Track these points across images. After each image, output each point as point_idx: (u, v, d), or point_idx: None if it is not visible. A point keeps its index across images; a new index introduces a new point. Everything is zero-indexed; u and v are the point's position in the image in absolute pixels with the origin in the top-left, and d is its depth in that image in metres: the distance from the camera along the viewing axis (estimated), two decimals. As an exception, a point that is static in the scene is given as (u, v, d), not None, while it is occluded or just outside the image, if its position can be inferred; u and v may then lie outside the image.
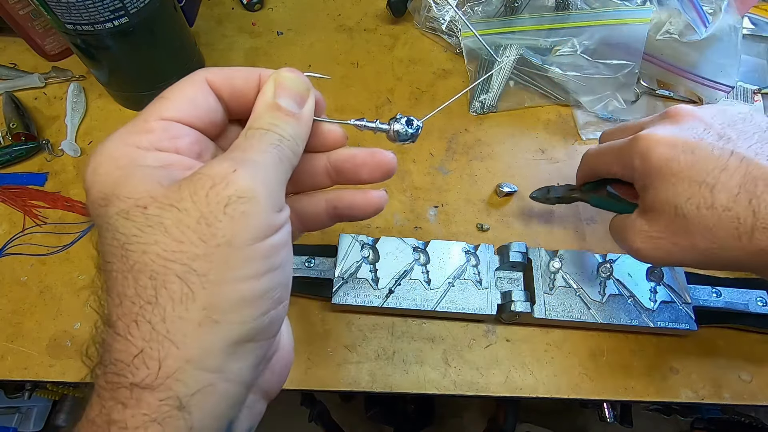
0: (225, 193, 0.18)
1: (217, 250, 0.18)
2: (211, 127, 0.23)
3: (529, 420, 1.03)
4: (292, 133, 0.22)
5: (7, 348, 0.42)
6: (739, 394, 0.41)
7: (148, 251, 0.18)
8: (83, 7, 0.42)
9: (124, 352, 0.17)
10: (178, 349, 0.17)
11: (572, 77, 0.54)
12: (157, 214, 0.18)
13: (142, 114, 0.21)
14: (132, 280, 0.18)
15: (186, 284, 0.17)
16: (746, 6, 0.52)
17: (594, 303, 0.41)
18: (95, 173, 0.20)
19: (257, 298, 0.19)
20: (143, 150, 0.20)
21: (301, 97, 0.23)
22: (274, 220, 0.19)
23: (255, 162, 0.19)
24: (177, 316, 0.17)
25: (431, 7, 0.61)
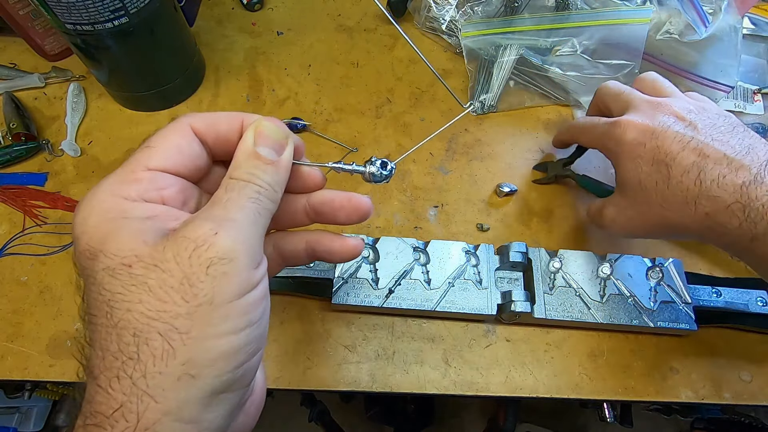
0: (207, 255, 0.19)
1: (199, 309, 0.18)
2: (196, 172, 0.24)
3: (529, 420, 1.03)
4: (270, 181, 0.23)
5: (7, 348, 0.42)
6: (739, 394, 0.41)
7: (132, 309, 0.18)
8: (83, 7, 0.42)
9: (105, 405, 0.18)
10: (157, 402, 0.18)
11: (572, 77, 0.54)
12: (141, 274, 0.19)
13: (129, 163, 0.22)
14: (116, 336, 0.18)
15: (167, 341, 0.18)
16: (746, 6, 0.52)
17: (594, 303, 0.41)
18: (85, 224, 0.20)
19: (234, 352, 0.19)
20: (131, 201, 0.21)
21: (279, 145, 0.24)
22: (253, 276, 0.20)
23: (234, 222, 0.20)
24: (157, 372, 0.18)
25: (431, 7, 0.61)
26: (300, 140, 0.26)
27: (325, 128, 0.55)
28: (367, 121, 0.56)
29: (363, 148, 0.54)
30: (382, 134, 0.55)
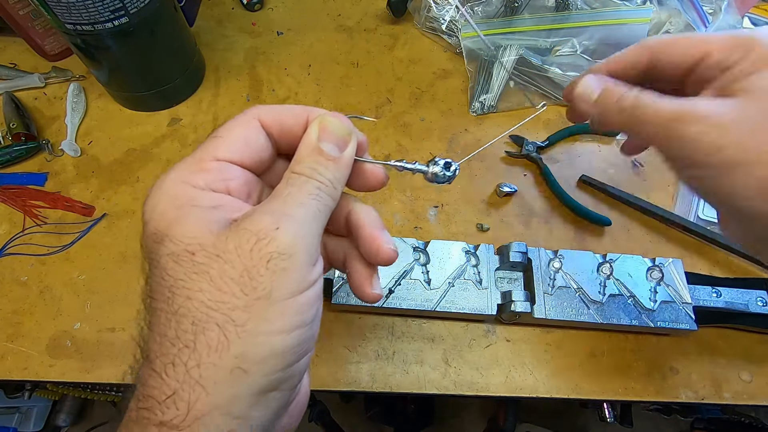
0: (267, 250, 0.19)
1: (257, 303, 0.19)
2: (260, 164, 0.24)
3: (529, 420, 1.03)
4: (331, 178, 0.22)
5: (7, 348, 0.42)
6: (739, 394, 0.41)
7: (192, 297, 0.19)
8: (83, 7, 0.42)
9: (157, 390, 0.18)
10: (208, 394, 0.18)
11: (572, 77, 0.54)
12: (203, 263, 0.19)
13: (199, 152, 0.23)
14: (174, 323, 0.19)
15: (223, 333, 0.18)
16: (746, 6, 0.52)
17: (594, 303, 0.41)
18: (154, 210, 0.21)
19: (286, 351, 0.19)
20: (198, 189, 0.21)
21: (343, 141, 0.23)
22: (310, 275, 0.20)
23: (294, 217, 0.20)
24: (211, 363, 0.18)
25: (431, 7, 0.61)
26: (363, 136, 0.25)
27: (325, 128, 0.55)
28: (367, 120, 0.56)
29: (363, 148, 0.54)
30: (382, 134, 0.55)
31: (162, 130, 0.55)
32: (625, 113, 0.26)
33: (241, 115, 0.24)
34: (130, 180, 0.52)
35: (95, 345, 0.43)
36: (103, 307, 0.44)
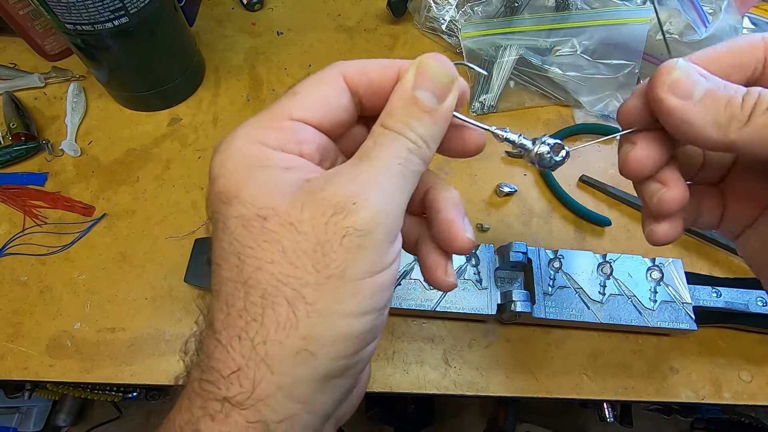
0: (343, 224, 0.17)
1: (328, 282, 0.17)
2: (339, 127, 0.22)
3: (529, 420, 1.03)
4: (425, 135, 0.20)
5: (7, 348, 0.42)
6: (739, 394, 0.41)
7: (263, 268, 0.17)
8: (83, 7, 0.42)
9: (222, 363, 0.17)
10: (273, 374, 0.17)
11: (572, 77, 0.54)
12: (276, 231, 0.18)
13: (273, 109, 0.20)
14: (243, 293, 0.18)
15: (293, 310, 0.17)
16: (746, 6, 0.52)
17: (594, 303, 0.41)
18: (222, 166, 0.19)
19: (354, 337, 0.18)
20: (270, 149, 0.19)
21: (443, 89, 0.20)
22: (387, 254, 0.19)
23: (378, 187, 0.18)
24: (278, 341, 0.17)
25: (431, 7, 0.61)
26: (465, 85, 0.22)
27: (325, 128, 0.55)
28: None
29: (363, 148, 0.54)
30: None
31: (162, 130, 0.55)
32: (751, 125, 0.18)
33: (324, 70, 0.21)
34: (130, 180, 0.52)
35: (95, 345, 0.43)
36: (103, 307, 0.44)
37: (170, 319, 0.44)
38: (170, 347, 0.43)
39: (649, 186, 0.22)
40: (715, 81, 0.19)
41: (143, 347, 0.43)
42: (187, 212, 0.49)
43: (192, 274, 0.43)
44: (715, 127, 0.18)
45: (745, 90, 0.18)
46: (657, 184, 0.22)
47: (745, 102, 0.18)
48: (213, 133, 0.55)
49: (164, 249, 0.47)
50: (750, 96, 0.18)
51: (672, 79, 0.19)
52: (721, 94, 0.19)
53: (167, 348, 0.43)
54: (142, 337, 0.43)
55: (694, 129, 0.19)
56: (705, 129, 0.19)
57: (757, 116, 0.18)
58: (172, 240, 0.48)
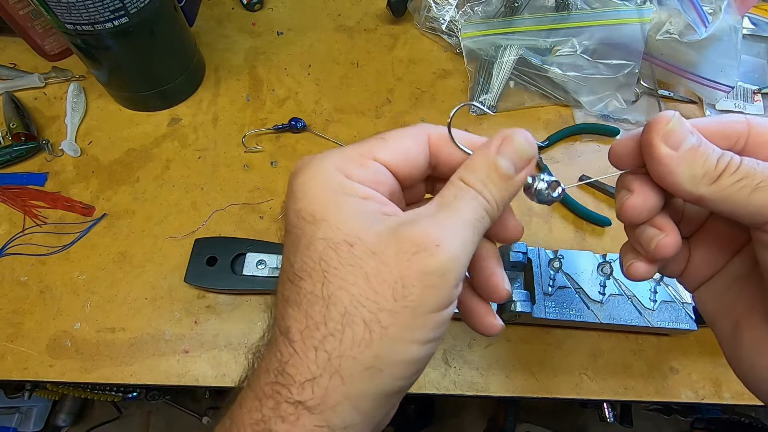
0: (425, 263, 0.19)
1: (403, 311, 0.19)
2: (410, 179, 0.24)
3: (529, 420, 1.03)
4: (498, 199, 0.22)
5: (7, 348, 0.42)
6: (739, 394, 0.41)
7: (345, 288, 0.19)
8: (83, 7, 0.42)
9: (297, 370, 0.19)
10: (344, 385, 0.19)
11: (572, 77, 0.54)
12: (360, 257, 0.19)
13: (360, 146, 0.22)
14: (323, 308, 0.19)
15: (369, 332, 0.19)
16: (746, 6, 0.52)
17: (594, 303, 0.41)
18: (306, 185, 0.21)
19: (416, 361, 0.20)
20: (351, 181, 0.21)
21: (522, 162, 0.22)
22: (453, 294, 0.20)
23: (456, 236, 0.20)
24: (352, 356, 0.19)
25: (431, 7, 0.61)
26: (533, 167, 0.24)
27: (325, 128, 0.55)
28: (367, 121, 0.56)
29: (363, 148, 0.54)
30: (382, 134, 0.55)
31: (162, 130, 0.55)
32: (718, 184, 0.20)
33: (413, 126, 0.24)
34: (130, 180, 0.52)
35: (95, 345, 0.43)
36: (103, 307, 0.44)
37: (170, 319, 0.44)
38: (170, 347, 0.43)
39: (646, 231, 0.24)
40: (700, 139, 0.21)
41: (143, 347, 0.43)
42: (187, 212, 0.49)
43: (192, 274, 0.43)
44: (690, 180, 0.20)
45: (721, 152, 0.21)
46: (654, 230, 0.23)
47: (719, 162, 0.20)
48: (213, 133, 0.55)
49: (164, 249, 0.47)
50: (723, 158, 0.20)
51: (666, 129, 0.21)
52: (702, 151, 0.20)
53: (167, 348, 0.43)
54: (142, 337, 0.43)
55: (673, 178, 0.21)
56: (681, 179, 0.20)
57: (725, 177, 0.20)
58: (172, 240, 0.48)
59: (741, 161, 0.20)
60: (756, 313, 0.23)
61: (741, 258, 0.25)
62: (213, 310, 0.44)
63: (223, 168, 0.52)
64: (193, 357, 0.42)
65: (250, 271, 0.43)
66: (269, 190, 0.51)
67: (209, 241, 0.45)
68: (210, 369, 0.42)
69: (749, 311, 0.23)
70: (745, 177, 0.20)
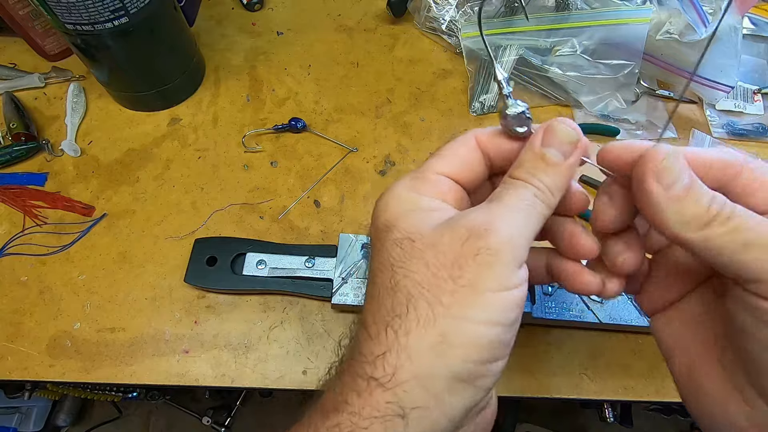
0: (477, 244, 0.21)
1: (462, 290, 0.20)
2: (473, 182, 0.26)
3: (529, 420, 1.03)
4: (550, 184, 0.22)
5: (7, 348, 0.42)
6: (739, 394, 0.41)
7: (409, 276, 0.21)
8: (83, 7, 0.42)
9: (369, 349, 0.21)
10: (411, 363, 0.20)
11: (572, 77, 0.54)
12: (421, 249, 0.21)
13: (423, 167, 0.25)
14: (392, 295, 0.21)
15: (432, 311, 0.20)
16: (746, 6, 0.52)
17: (594, 303, 0.41)
18: (386, 207, 0.24)
19: (483, 343, 0.20)
20: (420, 195, 0.24)
21: (568, 147, 0.23)
22: (513, 277, 0.21)
23: (504, 219, 0.21)
24: (417, 335, 0.20)
25: (431, 7, 0.61)
26: (587, 144, 0.24)
27: (325, 128, 0.55)
28: (367, 121, 0.56)
29: (363, 148, 0.54)
30: (382, 134, 0.55)
31: (162, 130, 0.55)
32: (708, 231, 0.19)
33: (462, 135, 0.26)
34: (130, 180, 0.52)
35: (95, 345, 0.43)
36: (103, 307, 0.44)
37: (170, 319, 0.44)
38: (170, 347, 0.43)
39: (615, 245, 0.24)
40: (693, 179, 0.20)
41: (143, 347, 0.43)
42: (187, 212, 0.49)
43: (192, 274, 0.43)
44: (678, 222, 0.20)
45: (713, 195, 0.20)
46: (623, 245, 0.24)
47: (710, 208, 0.19)
48: (213, 133, 0.55)
49: (164, 249, 0.47)
50: (716, 203, 0.19)
51: (661, 166, 0.20)
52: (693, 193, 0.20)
53: (167, 348, 0.43)
54: (142, 337, 0.43)
55: (661, 217, 0.20)
56: (669, 221, 0.20)
57: (715, 225, 0.19)
58: (172, 240, 0.48)
59: (733, 209, 0.19)
60: (713, 364, 0.23)
61: (700, 297, 0.25)
62: (213, 310, 0.44)
63: (223, 168, 0.52)
64: (193, 357, 0.42)
65: (250, 271, 0.43)
66: (269, 190, 0.51)
67: (209, 241, 0.45)
68: (210, 369, 0.42)
69: (705, 358, 0.23)
70: (736, 230, 0.19)
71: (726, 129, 0.55)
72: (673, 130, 0.55)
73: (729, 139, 0.55)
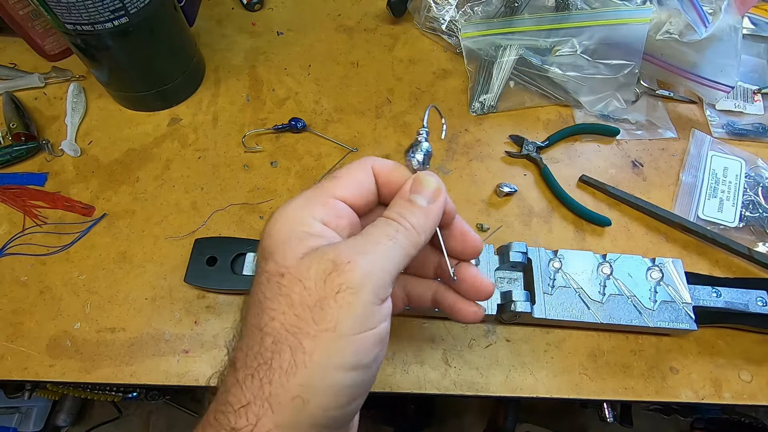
0: (338, 281, 0.21)
1: (324, 335, 0.20)
2: (365, 206, 0.27)
3: (529, 420, 1.03)
4: (416, 223, 0.24)
5: (7, 348, 0.42)
6: (739, 394, 0.41)
7: (276, 318, 0.21)
8: (83, 7, 0.42)
9: (235, 397, 0.20)
10: (273, 413, 0.19)
11: (572, 77, 0.54)
12: (287, 286, 0.21)
13: (321, 188, 0.25)
14: (260, 339, 0.21)
15: (294, 358, 0.20)
16: (746, 6, 0.52)
17: (594, 303, 0.41)
18: (272, 227, 0.24)
19: (342, 390, 0.20)
20: (315, 221, 0.24)
21: (432, 194, 0.26)
22: (375, 314, 0.21)
23: (367, 255, 0.22)
24: (280, 384, 0.20)
25: (431, 7, 0.61)
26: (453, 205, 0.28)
27: (325, 128, 0.55)
28: (367, 121, 0.56)
29: (363, 148, 0.54)
30: (382, 134, 0.55)
31: (162, 130, 0.55)
32: None
33: (358, 161, 0.27)
34: (130, 180, 0.52)
35: (95, 345, 0.43)
36: (103, 307, 0.44)
37: (170, 319, 0.44)
38: (170, 347, 0.43)
39: None
40: None
41: (143, 347, 0.43)
42: (187, 212, 0.49)
43: (192, 274, 0.43)
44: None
45: None
46: None
47: None
48: (213, 133, 0.55)
49: (164, 249, 0.47)
50: None
51: None
52: None
53: (167, 348, 0.43)
54: (142, 337, 0.43)
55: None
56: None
57: None
58: (172, 240, 0.48)
59: None
60: None
61: None
62: (213, 310, 0.44)
63: (223, 168, 0.52)
64: (193, 357, 0.42)
65: (250, 271, 0.43)
66: (269, 190, 0.51)
67: (209, 241, 0.45)
68: (210, 369, 0.42)
69: None
70: None
71: (726, 129, 0.55)
72: (673, 130, 0.55)
73: (729, 139, 0.55)
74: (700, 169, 0.52)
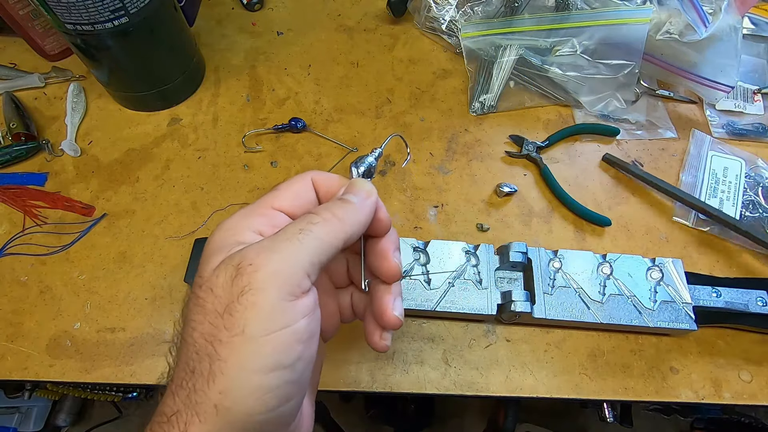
0: (241, 284, 0.20)
1: (234, 339, 0.20)
2: None
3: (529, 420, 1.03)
4: (342, 215, 0.24)
5: (7, 348, 0.42)
6: (739, 394, 0.41)
7: (196, 328, 0.21)
8: (83, 7, 0.42)
9: (168, 407, 0.21)
10: (200, 421, 0.20)
11: (572, 77, 0.54)
12: (202, 296, 0.21)
13: (261, 200, 0.26)
14: (186, 350, 0.21)
15: (211, 366, 0.20)
16: (746, 6, 0.52)
17: (594, 303, 0.41)
18: (212, 237, 0.24)
19: (266, 392, 0.20)
20: (248, 229, 0.24)
21: (363, 194, 0.26)
22: (285, 312, 0.21)
23: (273, 252, 0.21)
24: (203, 392, 0.20)
25: (431, 7, 0.61)
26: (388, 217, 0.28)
27: (325, 128, 0.55)
28: (367, 121, 0.56)
29: (363, 147, 0.54)
30: (382, 134, 0.55)
31: (162, 130, 0.55)
32: None
33: (300, 174, 0.28)
34: (130, 180, 0.52)
35: (95, 345, 0.43)
36: (103, 307, 0.44)
37: (170, 319, 0.44)
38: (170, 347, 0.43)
39: None
40: None
41: (143, 347, 0.43)
42: (187, 212, 0.49)
43: (192, 274, 0.43)
44: None
45: None
46: None
47: None
48: (213, 133, 0.55)
49: (164, 249, 0.47)
50: None
51: None
52: None
53: (167, 348, 0.43)
54: (142, 337, 0.43)
55: None
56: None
57: None
58: (172, 240, 0.48)
59: None
60: None
61: None
62: (213, 310, 0.44)
63: (223, 168, 0.52)
64: (193, 357, 0.42)
65: (250, 271, 0.43)
66: (269, 190, 0.51)
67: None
68: (210, 369, 0.42)
69: None
70: None
71: (726, 129, 0.55)
72: (673, 130, 0.55)
73: (729, 139, 0.55)
74: (700, 169, 0.52)
